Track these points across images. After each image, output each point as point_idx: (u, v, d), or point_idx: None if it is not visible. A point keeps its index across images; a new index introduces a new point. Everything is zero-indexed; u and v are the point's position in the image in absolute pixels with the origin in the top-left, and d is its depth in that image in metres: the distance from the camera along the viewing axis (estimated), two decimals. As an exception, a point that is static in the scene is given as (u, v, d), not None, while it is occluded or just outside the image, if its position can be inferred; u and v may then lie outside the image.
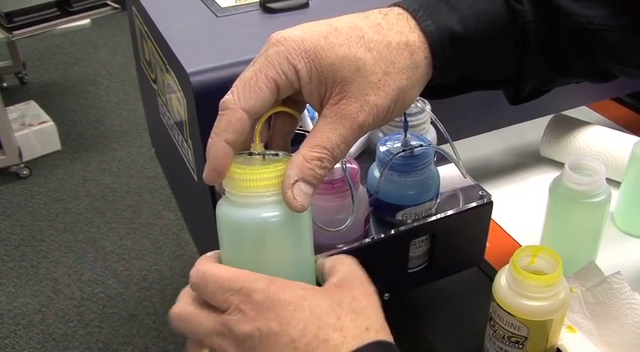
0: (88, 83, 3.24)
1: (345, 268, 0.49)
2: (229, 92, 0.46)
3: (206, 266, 0.47)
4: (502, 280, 0.64)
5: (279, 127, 0.52)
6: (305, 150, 0.46)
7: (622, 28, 0.53)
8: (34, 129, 2.62)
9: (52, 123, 2.67)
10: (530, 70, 0.56)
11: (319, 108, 0.48)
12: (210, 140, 0.46)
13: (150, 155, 2.60)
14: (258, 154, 0.47)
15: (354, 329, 0.44)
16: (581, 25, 0.53)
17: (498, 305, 0.63)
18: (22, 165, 2.55)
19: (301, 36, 0.46)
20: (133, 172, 2.59)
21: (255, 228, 0.46)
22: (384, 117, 0.48)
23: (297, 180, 0.45)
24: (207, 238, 0.88)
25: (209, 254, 0.49)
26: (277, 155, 0.47)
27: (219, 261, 0.48)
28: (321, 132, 0.46)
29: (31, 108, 2.74)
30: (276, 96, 0.46)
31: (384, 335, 0.46)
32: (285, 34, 0.47)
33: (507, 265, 0.64)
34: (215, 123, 0.46)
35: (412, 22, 0.49)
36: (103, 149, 2.74)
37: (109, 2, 2.54)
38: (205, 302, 0.47)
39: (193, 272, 0.47)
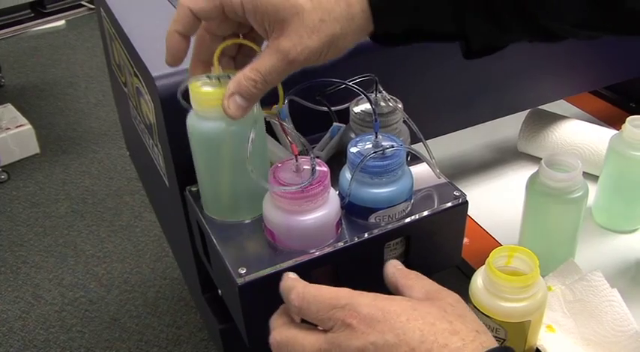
0: (65, 85, 3.20)
1: (424, 282, 0.51)
2: None
3: (304, 288, 0.50)
4: (478, 281, 0.63)
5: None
6: (245, 70, 0.55)
7: None
8: (11, 133, 2.58)
9: (29, 126, 2.63)
10: (471, 24, 0.57)
11: (267, 39, 0.56)
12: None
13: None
14: (215, 77, 0.59)
15: (468, 332, 0.45)
16: None
17: (475, 307, 0.62)
18: (0, 170, 2.52)
19: None
20: (112, 174, 2.56)
21: (213, 136, 0.60)
22: (317, 58, 0.55)
23: (233, 93, 0.55)
24: (180, 240, 0.86)
25: (294, 275, 0.53)
26: (229, 77, 0.57)
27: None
28: (261, 59, 0.55)
29: (7, 112, 2.70)
30: (221, 14, 0.56)
31: (491, 338, 0.47)
32: None
33: (483, 266, 0.63)
34: None
35: None
36: (82, 151, 2.71)
37: (84, 3, 2.51)
38: (305, 324, 0.50)
39: (294, 296, 0.50)
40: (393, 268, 0.54)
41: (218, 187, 0.64)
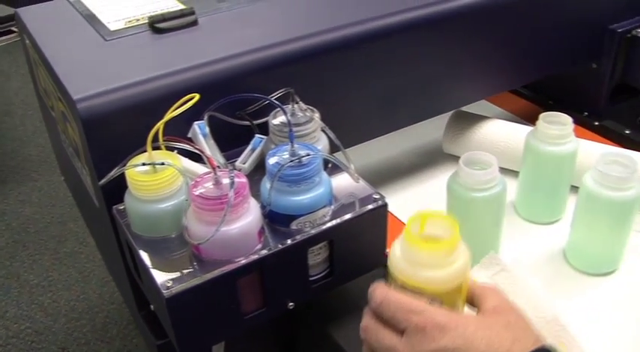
0: (1, 113, 3.14)
1: (496, 297, 0.58)
2: None
3: (388, 290, 0.56)
4: (397, 255, 0.58)
5: None
6: None
7: None
8: (-54, 166, 2.52)
9: (-35, 157, 2.58)
10: None
11: None
12: None
13: (71, 182, 2.52)
14: (150, 164, 0.64)
15: (527, 340, 0.53)
16: None
17: (397, 282, 0.57)
18: (-64, 204, 2.46)
19: None
20: (54, 201, 2.52)
21: (151, 215, 0.65)
22: None
23: None
24: (114, 259, 0.87)
25: (384, 283, 0.58)
26: (163, 164, 0.64)
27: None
28: None
29: (-59, 144, 2.64)
30: None
31: (550, 343, 0.54)
32: None
33: (398, 240, 0.59)
34: None
35: None
36: (21, 180, 2.66)
37: (14, 29, 2.48)
38: (385, 321, 0.55)
39: (377, 293, 0.55)
40: (473, 282, 0.60)
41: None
